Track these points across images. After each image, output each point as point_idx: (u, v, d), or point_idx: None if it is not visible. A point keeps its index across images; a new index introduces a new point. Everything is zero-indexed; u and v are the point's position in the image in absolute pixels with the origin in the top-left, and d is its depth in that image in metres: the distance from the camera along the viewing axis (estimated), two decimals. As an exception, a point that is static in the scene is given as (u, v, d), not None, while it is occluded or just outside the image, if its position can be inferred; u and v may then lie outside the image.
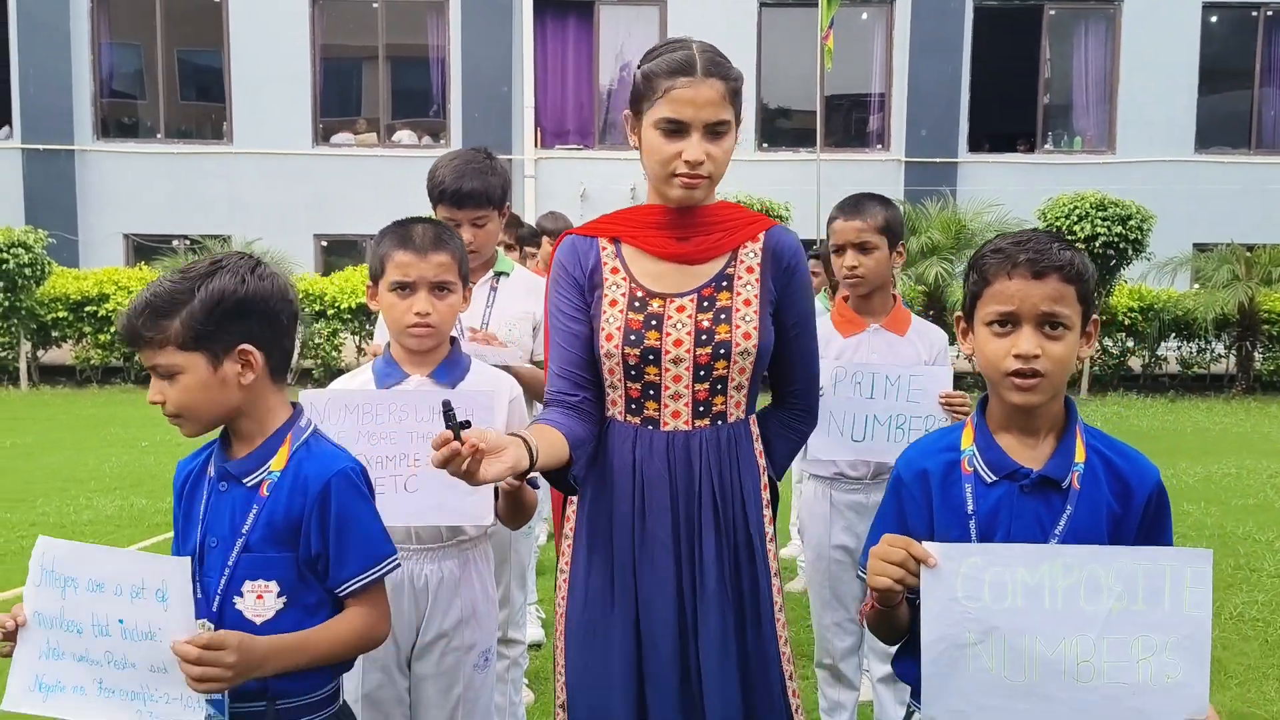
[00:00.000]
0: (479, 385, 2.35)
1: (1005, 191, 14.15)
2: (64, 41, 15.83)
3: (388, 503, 2.10)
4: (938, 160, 15.89)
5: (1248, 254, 12.68)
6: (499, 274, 3.13)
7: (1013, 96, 16.49)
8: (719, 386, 2.14)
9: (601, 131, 16.56)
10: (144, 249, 15.60)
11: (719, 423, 2.15)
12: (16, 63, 15.79)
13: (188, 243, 14.82)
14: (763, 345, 2.15)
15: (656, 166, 2.10)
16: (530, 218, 14.76)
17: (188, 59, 17.17)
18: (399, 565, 1.88)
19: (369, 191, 14.97)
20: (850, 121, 17.03)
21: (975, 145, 16.37)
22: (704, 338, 2.11)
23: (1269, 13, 16.28)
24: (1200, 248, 14.10)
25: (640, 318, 2.12)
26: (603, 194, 15.50)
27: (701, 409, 2.14)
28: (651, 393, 2.14)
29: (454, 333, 2.53)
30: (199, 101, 17.12)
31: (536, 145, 16.18)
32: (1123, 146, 16.11)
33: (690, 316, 2.12)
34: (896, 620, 1.77)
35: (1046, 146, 16.68)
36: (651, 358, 2.11)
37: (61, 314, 12.38)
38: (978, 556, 1.63)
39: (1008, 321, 1.74)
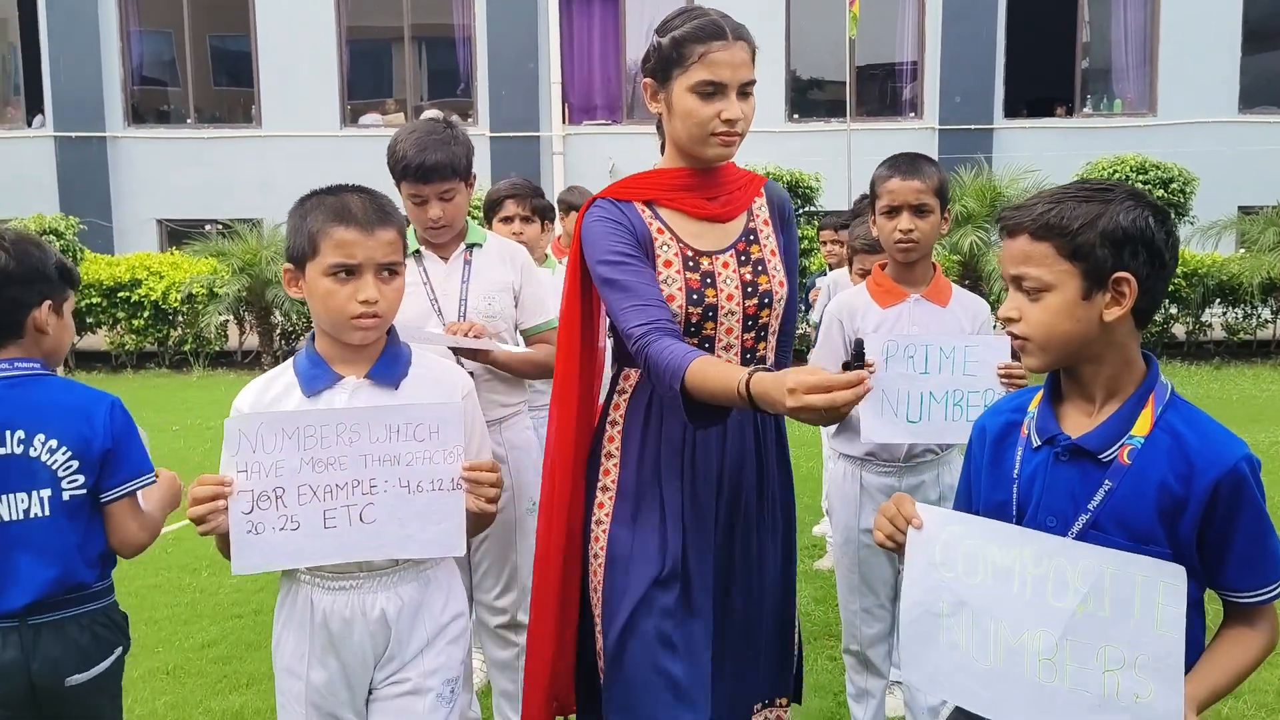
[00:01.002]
0: (426, 382, 2.06)
1: (1042, 157, 13.85)
2: (93, 30, 15.92)
3: (342, 538, 1.91)
4: (973, 127, 15.58)
5: (1295, 216, 12.33)
6: (471, 245, 3.00)
7: (1049, 60, 16.12)
8: (762, 334, 2.28)
9: (630, 106, 16.42)
10: (177, 234, 15.70)
11: (762, 364, 2.28)
12: (47, 52, 15.92)
13: (220, 227, 14.88)
14: (789, 292, 2.32)
15: (694, 129, 2.15)
16: (559, 195, 14.73)
17: (216, 44, 17.25)
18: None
19: (398, 172, 14.84)
20: (883, 90, 16.74)
21: (1011, 111, 16.02)
22: (749, 290, 2.23)
23: (1315, -34, 15.78)
24: (1245, 210, 13.73)
25: (697, 276, 2.20)
26: (632, 168, 15.21)
27: (749, 356, 2.27)
28: (706, 346, 2.21)
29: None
30: (228, 87, 17.22)
31: (565, 121, 16.07)
32: (1164, 108, 15.71)
33: (734, 271, 2.24)
34: None
35: (1085, 110, 16.31)
36: (710, 314, 2.20)
37: (95, 300, 12.46)
38: (957, 525, 1.63)
39: (1010, 284, 1.69)
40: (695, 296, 2.19)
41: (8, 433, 2.10)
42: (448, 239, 2.95)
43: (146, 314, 12.49)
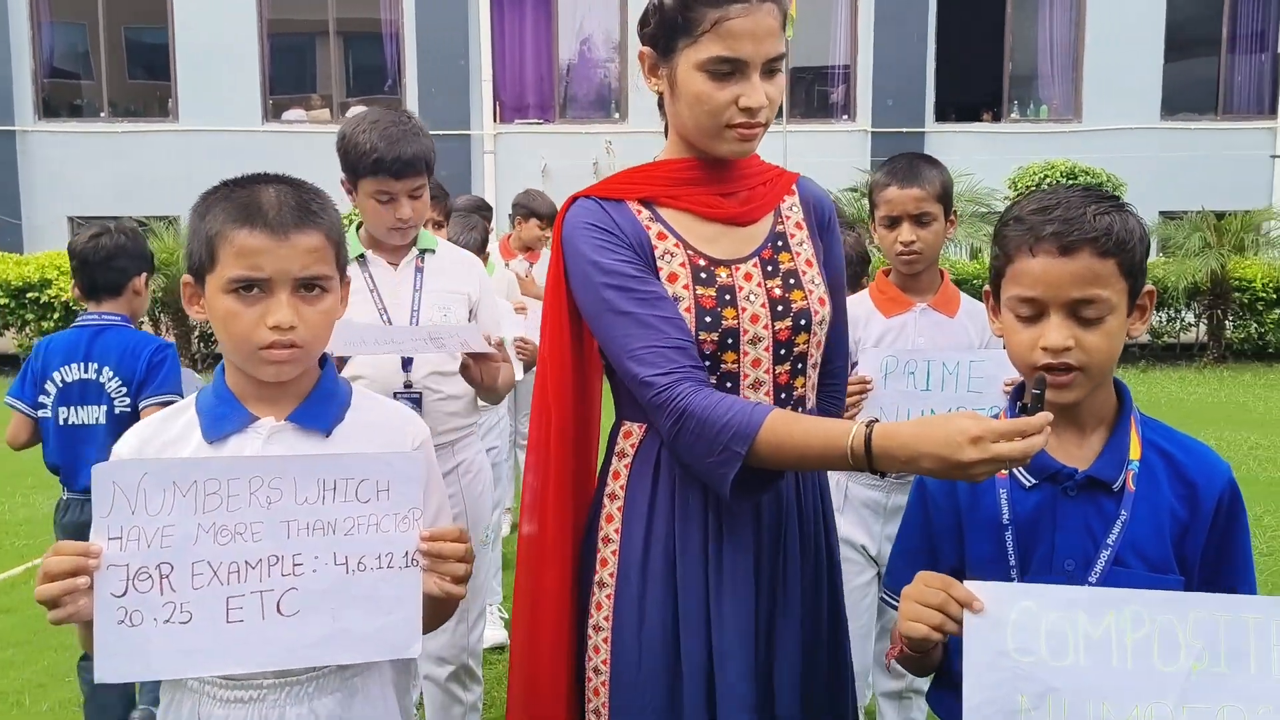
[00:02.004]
0: (371, 429, 1.62)
1: (973, 161, 13.91)
2: (2, 21, 15.24)
3: (251, 637, 1.42)
4: (905, 130, 15.63)
5: (1217, 221, 12.55)
6: (424, 251, 2.74)
7: (978, 65, 16.25)
8: (799, 366, 1.78)
9: (563, 105, 16.18)
10: (89, 233, 15.08)
11: (799, 411, 1.77)
12: (-49, 42, 15.21)
13: (135, 224, 14.34)
14: (833, 310, 1.84)
15: (704, 117, 1.70)
16: (490, 194, 14.47)
17: (132, 36, 16.62)
18: None
19: (324, 169, 14.34)
20: (815, 93, 16.75)
21: (942, 115, 16.13)
22: (780, 309, 1.74)
23: (1234, -23, 16.15)
24: (1168, 216, 13.96)
25: (711, 292, 1.71)
26: (565, 169, 15.15)
27: (784, 396, 1.76)
28: (729, 385, 1.73)
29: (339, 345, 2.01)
30: (145, 80, 16.61)
31: (496, 120, 15.79)
32: (1089, 115, 15.92)
33: (760, 285, 1.74)
34: (929, 660, 1.50)
35: (1013, 115, 16.48)
36: (730, 341, 1.71)
37: (2, 301, 11.88)
38: (1032, 600, 1.34)
39: (1034, 308, 1.44)
40: (709, 319, 1.70)
41: (88, 363, 3.05)
42: (410, 240, 2.72)
43: (57, 315, 11.92)
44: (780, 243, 1.81)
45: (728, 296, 1.72)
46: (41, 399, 3.07)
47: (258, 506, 1.43)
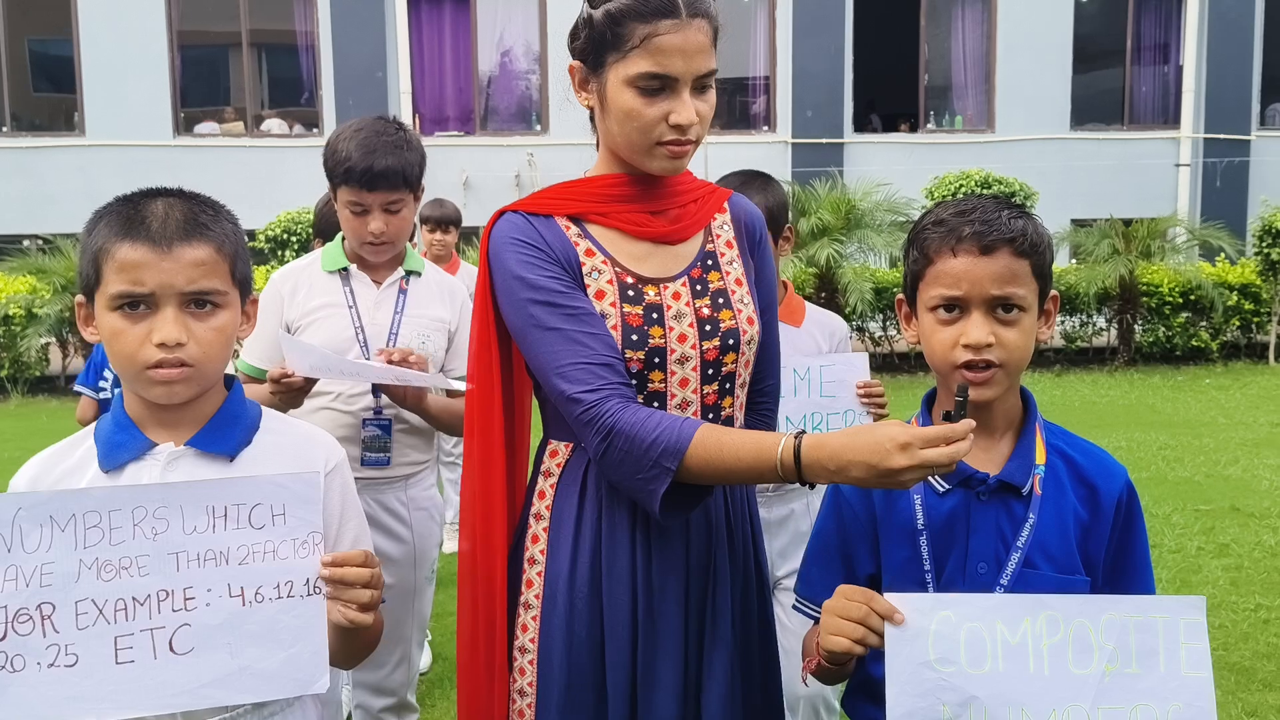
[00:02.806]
0: (280, 452, 1.54)
1: (891, 171, 14.17)
2: (-105, 30, 14.69)
3: (143, 678, 1.34)
4: (824, 141, 15.86)
5: (1125, 228, 12.92)
6: (410, 273, 2.58)
7: (895, 77, 16.59)
8: (727, 386, 1.75)
9: (483, 117, 16.08)
10: (-9, 250, 14.57)
11: None
12: None
13: (40, 242, 13.86)
14: (762, 331, 1.82)
15: (634, 134, 1.66)
16: (411, 208, 14.31)
17: (36, 47, 16.13)
18: None
19: (239, 183, 14.14)
20: (736, 104, 16.91)
21: (860, 125, 16.42)
22: (708, 328, 1.72)
23: (1137, -8, 16.71)
24: (1079, 223, 14.34)
25: (638, 310, 1.69)
26: (485, 181, 15.07)
27: (710, 416, 1.74)
28: (656, 404, 1.70)
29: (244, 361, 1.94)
30: (49, 93, 16.11)
31: (415, 132, 15.62)
32: (1002, 125, 16.32)
33: (689, 304, 1.72)
34: (844, 671, 1.51)
35: (929, 126, 16.82)
36: (657, 361, 1.69)
37: (-103, 322, 11.39)
38: (950, 610, 1.36)
39: (954, 306, 1.49)
40: (635, 337, 1.67)
41: None
42: (385, 259, 2.55)
43: (-44, 338, 11.50)
44: (710, 261, 1.78)
45: (655, 315, 1.70)
46: (101, 383, 3.66)
47: (143, 538, 1.35)
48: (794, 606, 1.70)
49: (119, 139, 15.00)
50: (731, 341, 1.73)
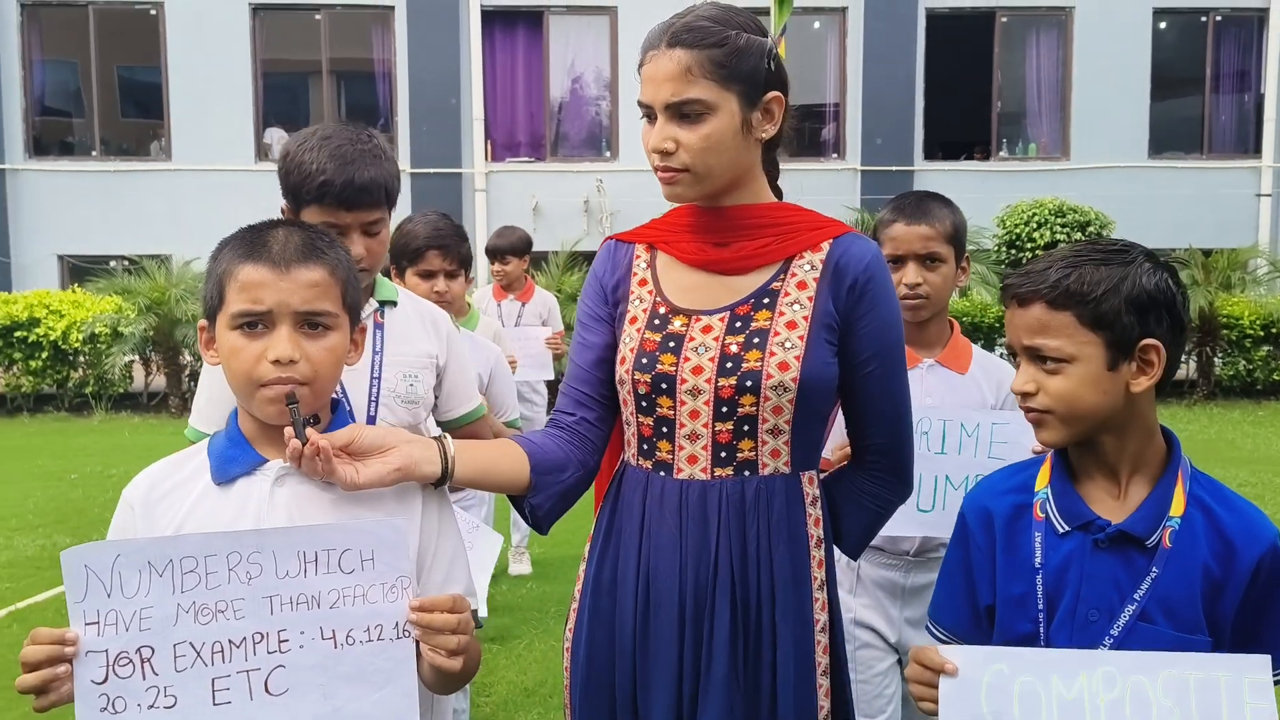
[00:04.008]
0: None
1: (961, 199, 13.75)
2: (-8, 58, 15.30)
3: (240, 718, 1.38)
4: (894, 169, 15.75)
5: (1204, 259, 12.64)
6: (384, 303, 2.21)
7: (967, 104, 16.42)
8: (745, 428, 1.70)
9: (554, 144, 16.28)
10: (79, 270, 15.06)
11: (746, 474, 1.72)
12: (-58, 80, 15.23)
13: (126, 263, 14.31)
14: (809, 380, 1.68)
15: (650, 157, 1.75)
16: (482, 234, 14.48)
17: (125, 74, 16.70)
18: None
19: (315, 208, 14.50)
20: (805, 131, 16.89)
21: (930, 153, 16.26)
22: (728, 365, 1.69)
23: (1218, 18, 16.35)
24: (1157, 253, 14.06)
25: (657, 338, 1.74)
26: (555, 207, 15.23)
27: (724, 454, 1.71)
28: (665, 430, 1.74)
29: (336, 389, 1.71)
30: (137, 119, 16.66)
31: (487, 158, 15.86)
32: (1077, 153, 16.07)
33: (717, 339, 1.71)
34: None
35: (1001, 154, 16.62)
36: (664, 387, 1.71)
37: (-10, 340, 11.84)
38: (1004, 664, 1.37)
39: (1014, 353, 1.60)
40: (645, 361, 1.73)
41: None
42: (364, 285, 2.27)
43: (45, 354, 11.89)
44: (767, 299, 1.74)
45: (672, 344, 1.74)
46: None
47: (238, 583, 1.39)
48: (926, 628, 1.74)
49: (203, 164, 15.44)
50: (750, 383, 1.68)
